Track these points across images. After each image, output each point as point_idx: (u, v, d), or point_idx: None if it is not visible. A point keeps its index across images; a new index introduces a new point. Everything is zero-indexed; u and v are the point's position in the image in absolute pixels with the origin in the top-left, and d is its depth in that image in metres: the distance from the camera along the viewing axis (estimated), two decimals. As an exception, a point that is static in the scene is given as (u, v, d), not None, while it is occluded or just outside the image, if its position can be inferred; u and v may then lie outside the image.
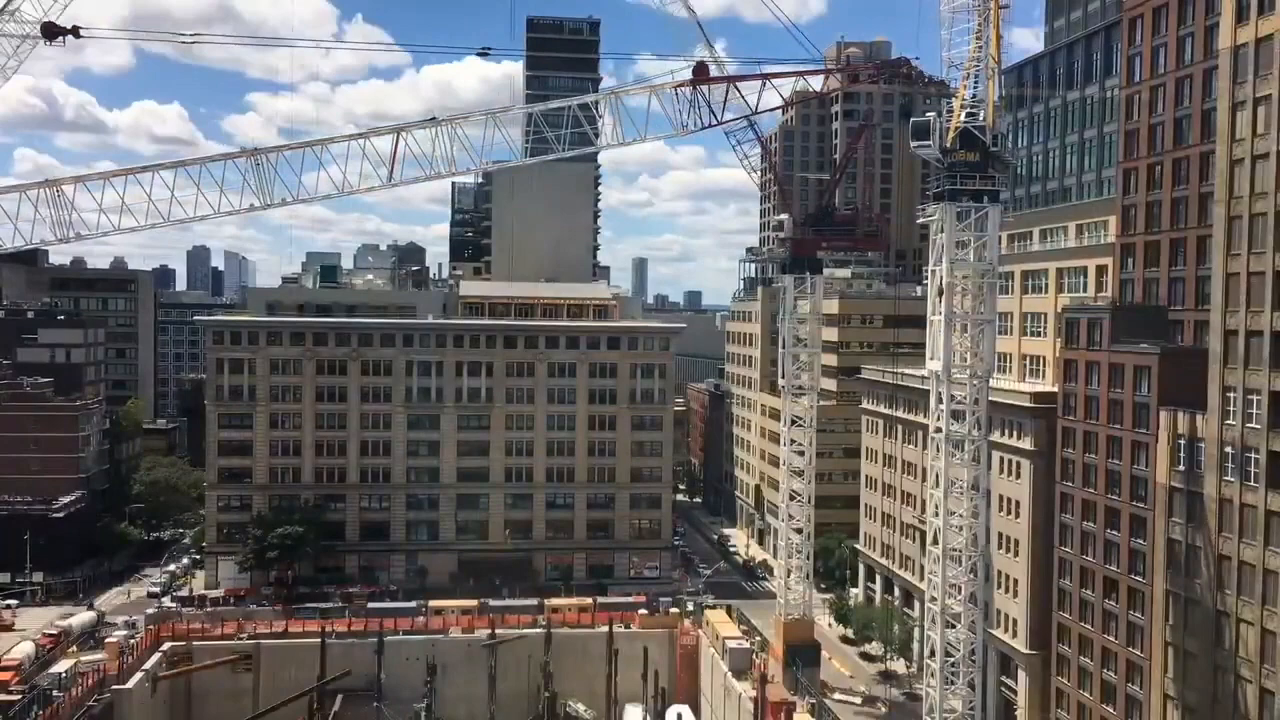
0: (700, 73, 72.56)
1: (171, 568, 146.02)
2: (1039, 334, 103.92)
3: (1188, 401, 74.74)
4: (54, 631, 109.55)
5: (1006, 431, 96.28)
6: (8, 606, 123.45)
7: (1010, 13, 68.89)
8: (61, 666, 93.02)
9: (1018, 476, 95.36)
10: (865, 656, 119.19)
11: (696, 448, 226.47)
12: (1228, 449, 70.69)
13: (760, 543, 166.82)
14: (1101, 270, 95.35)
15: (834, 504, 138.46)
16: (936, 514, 72.36)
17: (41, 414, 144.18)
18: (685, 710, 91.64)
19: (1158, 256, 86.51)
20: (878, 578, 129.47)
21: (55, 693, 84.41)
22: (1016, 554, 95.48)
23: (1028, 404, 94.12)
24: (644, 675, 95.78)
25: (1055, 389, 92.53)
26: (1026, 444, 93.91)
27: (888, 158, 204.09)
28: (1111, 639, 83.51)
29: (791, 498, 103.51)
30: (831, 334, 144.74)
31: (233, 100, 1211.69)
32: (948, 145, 69.28)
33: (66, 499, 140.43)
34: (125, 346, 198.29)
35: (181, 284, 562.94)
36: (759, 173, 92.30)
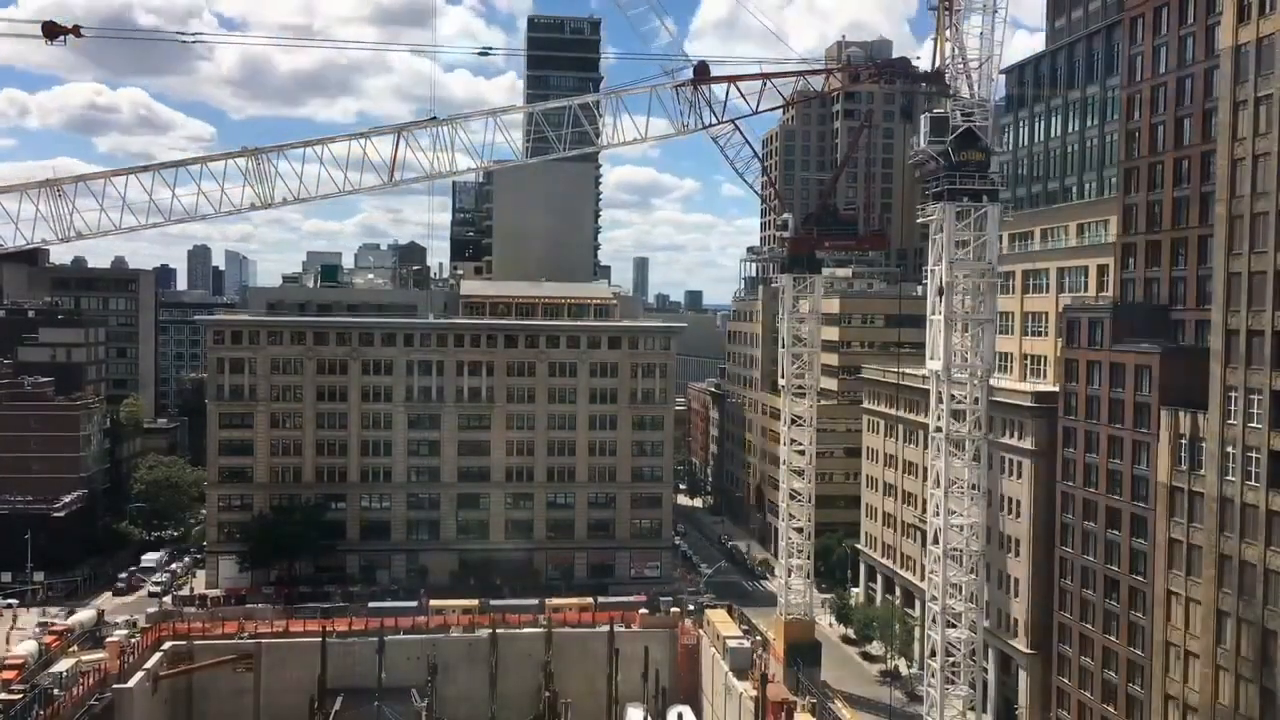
0: (701, 72, 72.50)
1: (173, 567, 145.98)
2: (1040, 333, 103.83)
3: (1189, 401, 74.69)
4: (59, 629, 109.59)
5: (1007, 431, 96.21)
6: (8, 606, 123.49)
7: (1009, 12, 68.84)
8: (63, 665, 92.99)
9: (1018, 476, 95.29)
10: (866, 656, 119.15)
11: (697, 447, 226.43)
12: (1229, 448, 70.59)
13: (761, 542, 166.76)
14: (1102, 270, 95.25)
15: (835, 503, 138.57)
16: (937, 514, 72.35)
17: (42, 413, 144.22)
18: (686, 710, 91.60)
19: (1159, 256, 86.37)
20: (879, 577, 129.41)
21: (56, 691, 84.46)
22: (1017, 554, 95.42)
23: (1029, 404, 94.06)
24: (644, 675, 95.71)
25: (1056, 388, 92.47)
26: (1027, 444, 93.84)
27: (888, 157, 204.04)
28: (1112, 639, 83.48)
29: (792, 497, 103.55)
30: (832, 333, 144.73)
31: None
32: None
33: (67, 498, 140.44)
34: (126, 346, 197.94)
35: (182, 283, 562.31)
36: (753, 176, 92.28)
